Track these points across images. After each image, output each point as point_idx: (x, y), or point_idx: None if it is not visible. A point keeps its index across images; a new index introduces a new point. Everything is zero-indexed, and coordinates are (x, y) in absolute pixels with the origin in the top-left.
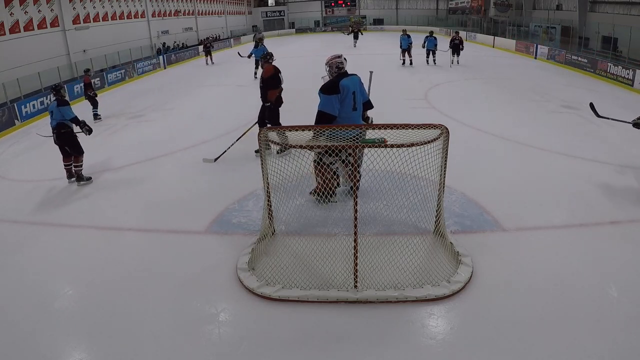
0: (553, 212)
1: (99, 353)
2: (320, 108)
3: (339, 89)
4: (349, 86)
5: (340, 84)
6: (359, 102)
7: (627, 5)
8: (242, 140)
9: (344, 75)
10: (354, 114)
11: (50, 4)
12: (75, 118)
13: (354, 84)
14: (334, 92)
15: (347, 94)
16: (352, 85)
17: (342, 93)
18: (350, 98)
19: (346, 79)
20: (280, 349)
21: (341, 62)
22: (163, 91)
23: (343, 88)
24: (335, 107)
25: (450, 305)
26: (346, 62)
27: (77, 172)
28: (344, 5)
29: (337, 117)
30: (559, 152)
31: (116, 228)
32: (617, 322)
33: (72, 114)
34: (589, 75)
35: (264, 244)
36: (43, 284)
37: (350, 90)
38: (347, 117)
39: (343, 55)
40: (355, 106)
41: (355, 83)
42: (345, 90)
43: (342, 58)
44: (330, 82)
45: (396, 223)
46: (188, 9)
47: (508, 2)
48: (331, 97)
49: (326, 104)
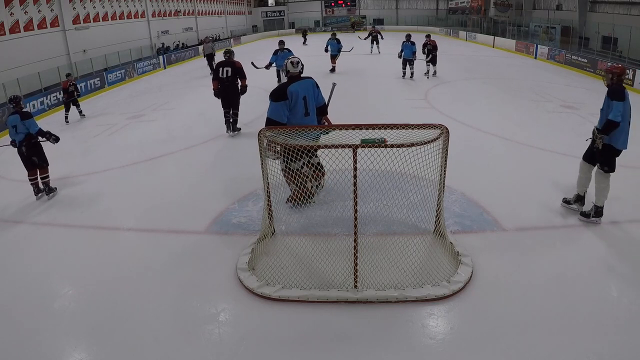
0: (553, 212)
1: (99, 353)
2: (269, 115)
3: (287, 95)
4: (298, 91)
5: (288, 90)
6: (312, 107)
7: (627, 5)
8: (243, 141)
9: (295, 79)
10: (307, 119)
11: (50, 4)
12: (40, 130)
13: (305, 89)
14: (281, 99)
15: (296, 100)
16: (302, 90)
17: (291, 99)
18: (300, 104)
19: (295, 83)
20: (280, 349)
21: (290, 63)
22: (163, 91)
23: (291, 94)
24: (283, 114)
25: (450, 305)
26: (300, 65)
27: (45, 183)
28: (344, 5)
29: (287, 123)
30: (558, 152)
31: (116, 228)
32: (617, 322)
33: (37, 126)
34: (589, 75)
35: (264, 244)
36: (43, 284)
37: (300, 95)
38: (299, 122)
39: (297, 58)
40: (307, 111)
41: (307, 87)
42: (294, 96)
43: (291, 60)
44: (277, 88)
45: (396, 223)
46: (188, 9)
47: (508, 2)
48: (278, 103)
49: (274, 110)
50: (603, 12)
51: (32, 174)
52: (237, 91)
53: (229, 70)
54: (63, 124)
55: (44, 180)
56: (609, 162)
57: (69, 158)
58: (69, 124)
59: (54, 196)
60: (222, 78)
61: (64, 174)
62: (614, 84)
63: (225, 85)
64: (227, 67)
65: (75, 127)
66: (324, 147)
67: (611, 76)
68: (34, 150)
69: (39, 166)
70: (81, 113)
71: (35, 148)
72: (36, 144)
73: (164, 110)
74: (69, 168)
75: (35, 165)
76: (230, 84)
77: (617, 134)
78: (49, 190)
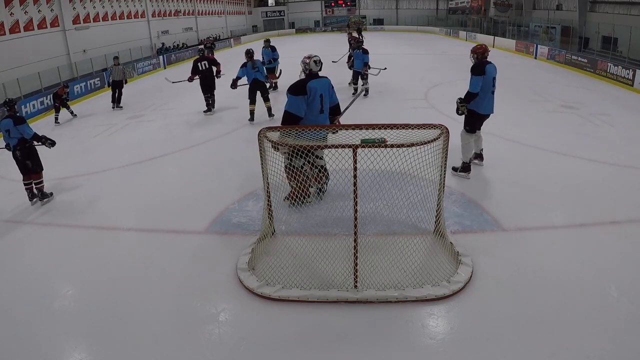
0: (553, 212)
1: (99, 353)
2: (287, 108)
3: (306, 91)
4: (317, 88)
5: (308, 86)
6: (326, 105)
7: (627, 5)
8: (243, 141)
9: (314, 77)
10: (321, 117)
11: (50, 4)
12: (35, 135)
13: (323, 87)
14: (300, 93)
15: (314, 96)
16: (320, 87)
17: (309, 95)
18: (317, 100)
19: (315, 80)
20: (280, 349)
21: (313, 62)
22: (163, 91)
23: (310, 90)
24: (302, 108)
25: (450, 305)
26: (320, 64)
27: (39, 189)
28: (344, 5)
29: (303, 119)
30: (558, 152)
31: (116, 228)
32: (617, 322)
33: (31, 131)
34: (589, 75)
35: (264, 244)
36: (43, 284)
37: (318, 92)
38: (314, 119)
39: (318, 57)
40: (322, 109)
41: (324, 85)
42: (313, 92)
43: (314, 59)
44: (297, 83)
45: (396, 223)
46: (188, 9)
47: (508, 2)
48: (298, 97)
49: (292, 104)
50: (603, 12)
51: (27, 179)
52: (214, 79)
53: (206, 63)
54: (63, 123)
55: (38, 186)
56: (471, 124)
57: (69, 158)
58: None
59: (48, 202)
60: (202, 70)
61: (63, 174)
62: (477, 61)
63: (205, 75)
64: (203, 61)
65: (75, 127)
66: (324, 147)
67: (476, 55)
68: (29, 155)
69: (32, 171)
70: (72, 113)
71: (29, 152)
72: (30, 148)
73: (164, 110)
74: (69, 168)
75: (28, 170)
76: (209, 73)
77: (479, 102)
78: (43, 196)
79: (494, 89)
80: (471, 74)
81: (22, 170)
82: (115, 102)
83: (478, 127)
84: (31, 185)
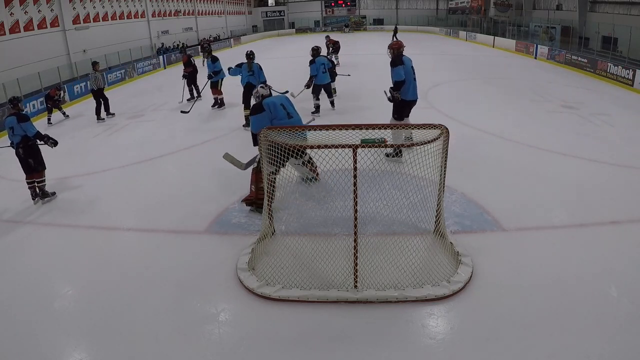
0: (553, 212)
1: (99, 353)
2: (253, 131)
3: (264, 107)
4: (274, 101)
5: (264, 103)
6: (291, 109)
7: (627, 5)
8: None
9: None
10: (292, 121)
11: (50, 4)
12: (38, 133)
13: (279, 98)
14: (260, 111)
15: (275, 108)
16: (276, 99)
17: (270, 110)
18: (280, 109)
19: (268, 97)
20: (280, 349)
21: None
22: (163, 91)
23: (268, 105)
24: (266, 124)
25: (450, 305)
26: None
27: (41, 188)
28: (344, 5)
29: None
30: (558, 152)
31: (116, 228)
32: (617, 322)
33: (34, 129)
34: (589, 75)
35: (264, 244)
36: (43, 283)
37: (277, 103)
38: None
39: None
40: (289, 114)
41: (279, 97)
42: (272, 106)
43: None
44: (254, 105)
45: (396, 223)
46: (188, 9)
47: (508, 2)
48: (258, 116)
49: (255, 124)
50: (603, 12)
51: (29, 177)
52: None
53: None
54: (64, 123)
55: (39, 184)
56: (399, 112)
57: (69, 158)
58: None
59: (50, 201)
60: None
61: (64, 174)
62: (394, 56)
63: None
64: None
65: (75, 127)
66: (324, 147)
67: (392, 51)
68: (31, 153)
69: (35, 170)
70: (65, 114)
71: (31, 150)
72: (33, 147)
73: (164, 111)
74: (69, 168)
75: (31, 169)
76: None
77: (405, 90)
78: (44, 195)
79: (414, 76)
80: (391, 67)
81: (24, 168)
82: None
83: (406, 114)
84: (34, 184)
